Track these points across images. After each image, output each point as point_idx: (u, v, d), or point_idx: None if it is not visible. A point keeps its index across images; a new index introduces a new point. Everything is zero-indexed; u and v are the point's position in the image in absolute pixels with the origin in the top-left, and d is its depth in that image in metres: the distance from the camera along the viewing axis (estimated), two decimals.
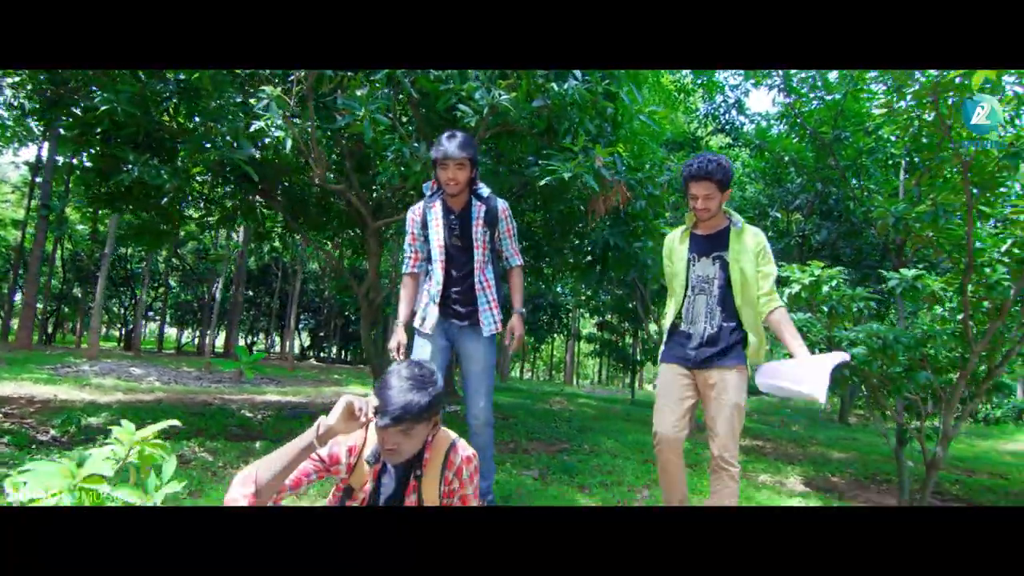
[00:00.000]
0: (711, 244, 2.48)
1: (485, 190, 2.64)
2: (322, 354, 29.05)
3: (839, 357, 2.12)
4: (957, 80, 2.92)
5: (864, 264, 5.56)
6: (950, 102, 3.12)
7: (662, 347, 2.58)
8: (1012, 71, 2.79)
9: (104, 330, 31.30)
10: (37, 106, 4.57)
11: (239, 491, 1.37)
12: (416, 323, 2.68)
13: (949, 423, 3.91)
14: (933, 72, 3.08)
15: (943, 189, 3.32)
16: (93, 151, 4.88)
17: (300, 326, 28.57)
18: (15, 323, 23.46)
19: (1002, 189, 3.95)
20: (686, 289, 2.49)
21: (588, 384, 30.51)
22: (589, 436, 6.04)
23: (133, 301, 27.42)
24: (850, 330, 3.81)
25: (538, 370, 34.56)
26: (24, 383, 7.06)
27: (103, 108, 3.63)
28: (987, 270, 3.59)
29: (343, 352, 30.42)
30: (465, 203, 2.59)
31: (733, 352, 2.37)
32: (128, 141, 4.46)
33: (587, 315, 17.49)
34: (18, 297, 23.05)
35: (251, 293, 26.95)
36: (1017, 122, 3.59)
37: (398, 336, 2.57)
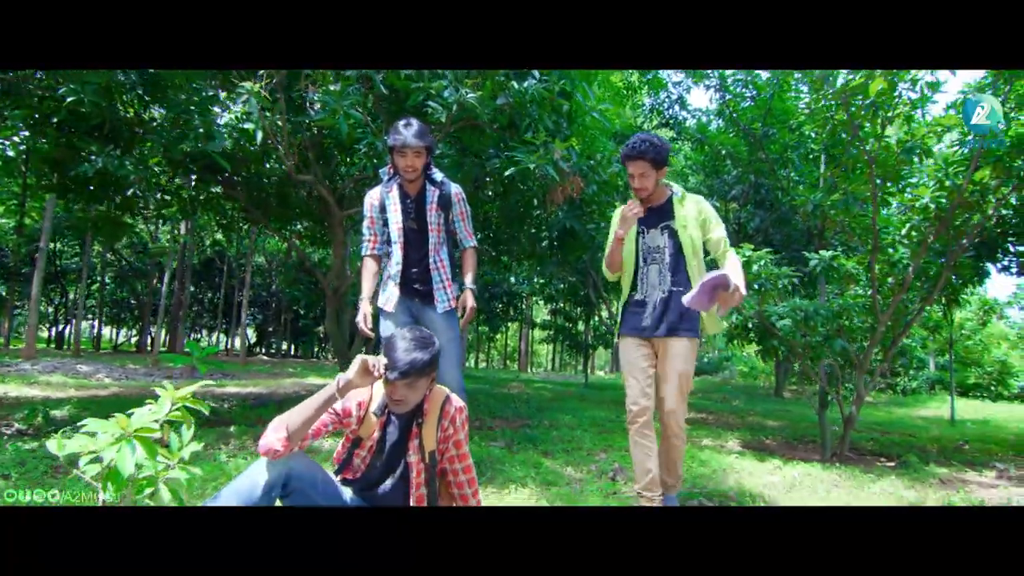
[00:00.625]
0: (658, 216, 2.60)
1: (438, 175, 2.78)
2: (271, 349, 28.37)
3: (717, 275, 2.22)
4: (867, 83, 3.41)
5: (792, 248, 6.16)
6: (859, 103, 3.61)
7: (619, 319, 2.72)
8: (906, 79, 3.27)
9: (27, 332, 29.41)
10: None
11: (274, 436, 1.61)
12: (380, 303, 2.81)
13: (862, 384, 4.48)
14: (844, 73, 3.55)
15: (854, 180, 3.82)
16: (44, 141, 4.82)
17: (246, 321, 27.78)
18: None
19: (913, 179, 4.55)
20: (637, 260, 2.62)
21: (542, 371, 31.12)
22: (547, 414, 6.41)
23: (64, 299, 25.99)
24: (778, 306, 4.30)
25: (492, 359, 34.94)
26: None
27: (69, 99, 3.66)
28: (891, 250, 4.15)
29: (293, 347, 29.81)
30: (420, 188, 2.74)
31: (685, 321, 2.50)
32: (89, 131, 4.45)
33: (541, 303, 17.95)
34: None
35: (193, 289, 26.00)
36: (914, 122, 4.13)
37: (363, 309, 2.72)
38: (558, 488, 3.06)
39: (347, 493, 1.91)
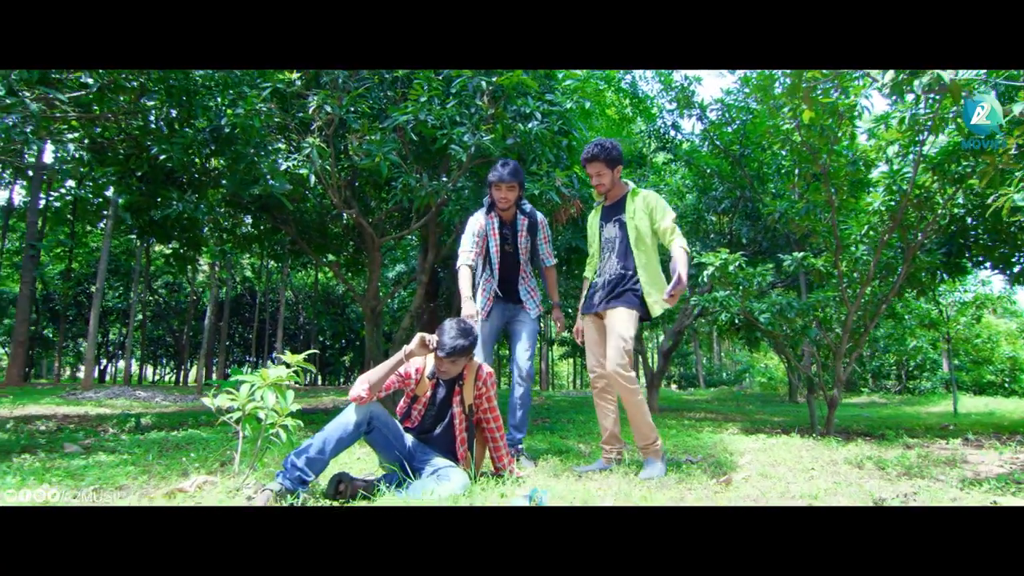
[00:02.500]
0: (614, 210, 2.99)
1: (527, 205, 3.38)
2: (302, 380, 29.16)
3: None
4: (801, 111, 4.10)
5: (778, 253, 6.79)
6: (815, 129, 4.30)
7: (582, 302, 3.16)
8: (844, 104, 3.95)
9: (68, 371, 30.86)
10: (86, 156, 5.38)
11: (361, 387, 2.33)
12: (481, 309, 3.32)
13: (840, 368, 5.05)
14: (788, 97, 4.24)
15: (813, 190, 4.49)
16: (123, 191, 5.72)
17: (273, 354, 28.71)
18: None
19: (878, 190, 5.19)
20: (601, 252, 3.04)
21: (563, 391, 31.49)
22: (566, 415, 7.04)
23: (105, 338, 27.35)
24: (759, 302, 4.93)
25: None
26: (47, 406, 7.66)
27: (162, 157, 4.53)
28: (852, 249, 4.78)
29: (320, 378, 30.68)
30: (513, 216, 3.31)
31: (625, 295, 2.85)
32: (168, 181, 5.34)
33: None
34: None
35: (222, 325, 27.19)
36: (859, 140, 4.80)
37: (468, 306, 3.01)
38: (568, 455, 3.70)
39: (408, 438, 2.60)
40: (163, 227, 5.82)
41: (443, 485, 2.22)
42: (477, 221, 3.33)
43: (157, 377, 34.98)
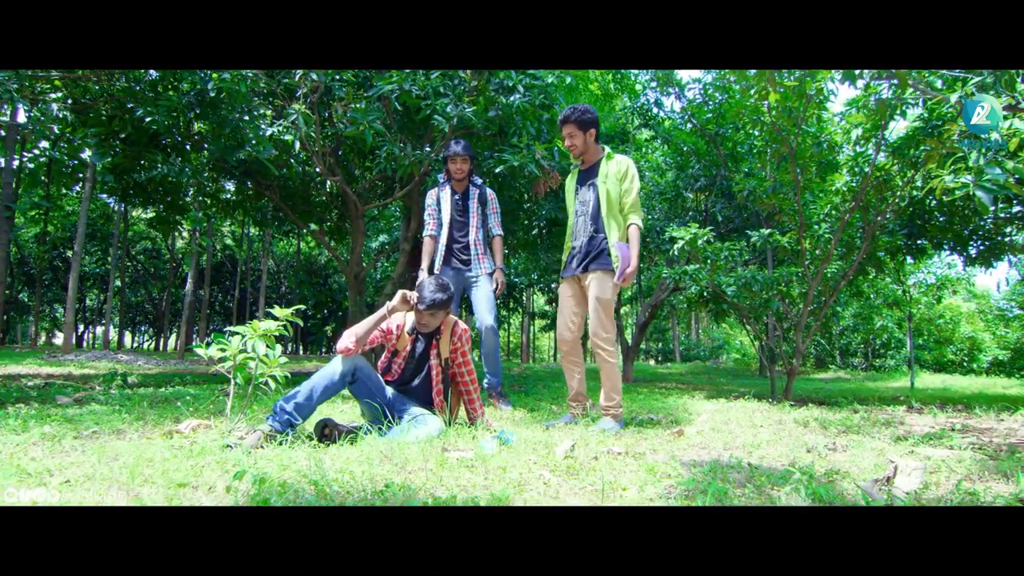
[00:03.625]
0: (588, 175, 3.09)
1: (478, 180, 3.88)
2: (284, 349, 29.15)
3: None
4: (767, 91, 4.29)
5: (749, 231, 7.05)
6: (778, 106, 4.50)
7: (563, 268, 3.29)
8: (811, 88, 4.14)
9: (44, 337, 30.45)
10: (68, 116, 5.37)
11: (348, 339, 2.51)
12: (436, 270, 3.86)
13: (800, 339, 5.36)
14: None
15: (780, 170, 4.71)
16: (113, 153, 5.73)
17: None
18: None
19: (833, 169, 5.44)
20: (576, 215, 3.13)
21: (543, 364, 32.02)
22: (542, 383, 7.31)
23: (82, 304, 26.99)
24: (727, 276, 5.19)
25: None
26: (30, 366, 7.72)
27: (148, 120, 4.58)
28: (816, 227, 5.03)
29: (302, 348, 30.72)
30: (465, 188, 3.82)
31: (600, 258, 2.96)
32: (151, 144, 5.37)
33: (539, 293, 18.86)
34: None
35: (202, 293, 26.99)
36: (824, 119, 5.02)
37: (421, 277, 3.68)
38: (539, 412, 3.95)
39: (388, 390, 2.80)
40: (146, 190, 5.86)
41: (420, 428, 2.44)
42: (432, 193, 3.89)
43: (136, 344, 34.71)
